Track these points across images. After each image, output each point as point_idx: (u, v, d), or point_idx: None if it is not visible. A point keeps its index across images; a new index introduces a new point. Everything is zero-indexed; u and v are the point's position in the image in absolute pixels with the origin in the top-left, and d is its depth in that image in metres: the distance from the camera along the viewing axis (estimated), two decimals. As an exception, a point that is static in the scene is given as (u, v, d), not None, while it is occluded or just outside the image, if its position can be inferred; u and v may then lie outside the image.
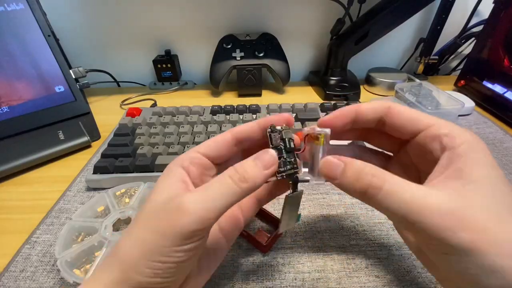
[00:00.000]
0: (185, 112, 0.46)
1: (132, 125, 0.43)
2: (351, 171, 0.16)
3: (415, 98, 0.46)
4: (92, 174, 0.35)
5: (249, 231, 0.28)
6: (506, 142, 0.42)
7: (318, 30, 0.62)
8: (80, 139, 0.43)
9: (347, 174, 0.17)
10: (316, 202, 0.33)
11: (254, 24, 0.61)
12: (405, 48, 0.67)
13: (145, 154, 0.37)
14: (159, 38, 0.62)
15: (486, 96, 0.50)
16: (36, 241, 0.30)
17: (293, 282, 0.25)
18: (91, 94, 0.60)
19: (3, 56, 0.38)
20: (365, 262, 0.27)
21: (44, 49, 0.41)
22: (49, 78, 0.42)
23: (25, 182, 0.38)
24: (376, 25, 0.52)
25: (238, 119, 0.44)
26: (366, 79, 0.61)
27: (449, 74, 0.70)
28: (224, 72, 0.56)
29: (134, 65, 0.65)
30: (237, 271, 0.26)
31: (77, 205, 0.34)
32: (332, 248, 0.28)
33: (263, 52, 0.56)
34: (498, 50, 0.49)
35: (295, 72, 0.63)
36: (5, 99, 0.39)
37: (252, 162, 0.18)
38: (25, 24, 0.40)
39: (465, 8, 0.60)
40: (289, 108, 0.47)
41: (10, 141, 0.39)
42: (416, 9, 0.51)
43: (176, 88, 0.62)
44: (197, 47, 0.63)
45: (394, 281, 0.25)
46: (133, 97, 0.59)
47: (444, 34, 0.59)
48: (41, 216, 0.32)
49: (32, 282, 0.26)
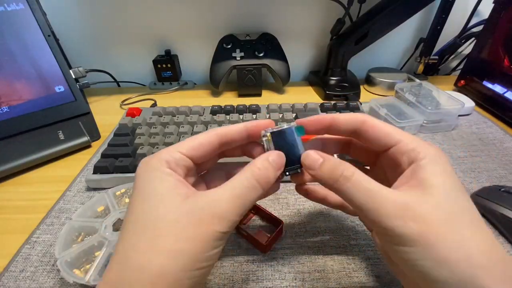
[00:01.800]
0: (185, 112, 0.46)
1: (132, 125, 0.43)
2: (329, 164, 0.19)
3: (415, 98, 0.46)
4: (92, 174, 0.35)
5: (249, 231, 0.28)
6: (506, 142, 0.42)
7: (318, 30, 0.62)
8: (80, 139, 0.43)
9: (324, 167, 0.19)
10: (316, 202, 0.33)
11: (254, 24, 0.61)
12: (405, 48, 0.67)
13: (145, 154, 0.37)
14: (159, 38, 0.62)
15: (486, 96, 0.50)
16: (36, 241, 0.30)
17: (293, 282, 0.25)
18: (91, 94, 0.60)
19: (3, 56, 0.38)
20: (365, 262, 0.27)
21: (44, 49, 0.41)
22: (49, 78, 0.42)
23: (25, 182, 0.38)
24: (376, 25, 0.52)
25: (238, 119, 0.44)
26: (366, 79, 0.61)
27: (449, 74, 0.70)
28: (224, 72, 0.56)
29: (134, 65, 0.65)
30: (237, 271, 0.26)
31: (77, 205, 0.34)
32: (332, 248, 0.28)
33: (263, 52, 0.56)
34: (498, 50, 0.49)
35: (295, 72, 0.63)
36: (5, 99, 0.39)
37: (269, 165, 0.19)
38: (25, 24, 0.40)
39: (465, 8, 0.60)
40: (289, 108, 0.47)
41: (10, 141, 0.39)
42: (416, 9, 0.51)
43: (176, 88, 0.62)
44: (197, 47, 0.63)
45: (394, 281, 0.25)
46: (133, 97, 0.59)
47: (444, 34, 0.59)
48: (41, 216, 0.32)
49: (32, 282, 0.26)
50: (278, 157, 0.20)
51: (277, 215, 0.30)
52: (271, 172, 0.19)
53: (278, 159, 0.20)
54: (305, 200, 0.33)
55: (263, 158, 0.19)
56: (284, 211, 0.32)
